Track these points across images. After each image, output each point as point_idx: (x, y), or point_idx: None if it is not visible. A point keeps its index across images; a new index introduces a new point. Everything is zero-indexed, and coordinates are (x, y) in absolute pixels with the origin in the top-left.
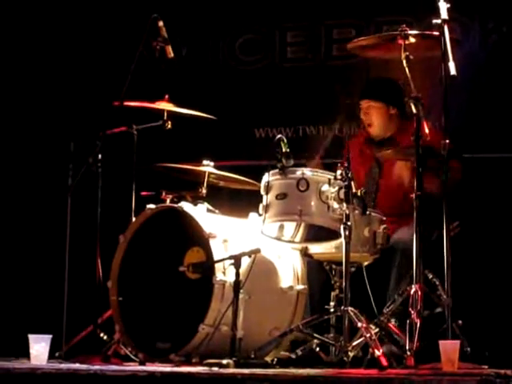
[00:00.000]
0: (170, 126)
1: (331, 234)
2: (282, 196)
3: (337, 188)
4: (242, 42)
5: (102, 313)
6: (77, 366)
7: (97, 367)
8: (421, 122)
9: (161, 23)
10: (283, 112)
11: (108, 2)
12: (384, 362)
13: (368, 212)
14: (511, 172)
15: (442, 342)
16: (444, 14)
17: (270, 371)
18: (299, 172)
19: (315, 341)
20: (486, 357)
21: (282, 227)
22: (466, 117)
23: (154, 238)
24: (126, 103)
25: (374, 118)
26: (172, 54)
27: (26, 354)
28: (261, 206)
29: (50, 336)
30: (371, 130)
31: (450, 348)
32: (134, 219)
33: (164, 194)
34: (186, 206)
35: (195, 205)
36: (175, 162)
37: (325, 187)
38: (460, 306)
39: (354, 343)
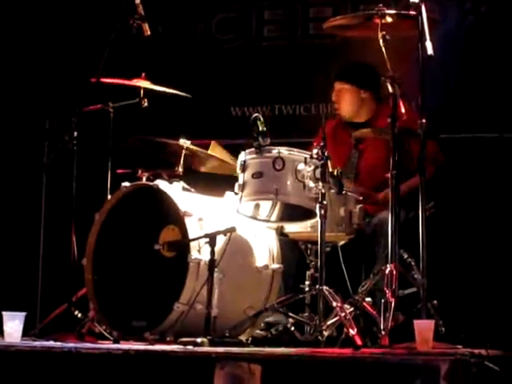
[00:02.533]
0: (146, 104)
1: (307, 213)
2: (258, 175)
3: (313, 167)
4: (219, 20)
5: (77, 291)
6: (51, 343)
7: (71, 345)
8: (397, 102)
9: (138, 0)
10: (260, 91)
11: None
12: (358, 341)
13: (344, 191)
14: (486, 152)
15: (416, 322)
16: None
17: (245, 350)
18: (275, 151)
19: (290, 320)
20: (461, 338)
21: (257, 206)
22: (443, 97)
23: (129, 215)
24: (103, 80)
25: (345, 100)
26: (149, 32)
27: None
28: (237, 185)
29: (24, 313)
30: (341, 112)
31: (424, 327)
32: (109, 197)
33: (140, 172)
34: (161, 184)
35: (171, 183)
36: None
37: (301, 166)
38: (435, 287)
39: (329, 322)
